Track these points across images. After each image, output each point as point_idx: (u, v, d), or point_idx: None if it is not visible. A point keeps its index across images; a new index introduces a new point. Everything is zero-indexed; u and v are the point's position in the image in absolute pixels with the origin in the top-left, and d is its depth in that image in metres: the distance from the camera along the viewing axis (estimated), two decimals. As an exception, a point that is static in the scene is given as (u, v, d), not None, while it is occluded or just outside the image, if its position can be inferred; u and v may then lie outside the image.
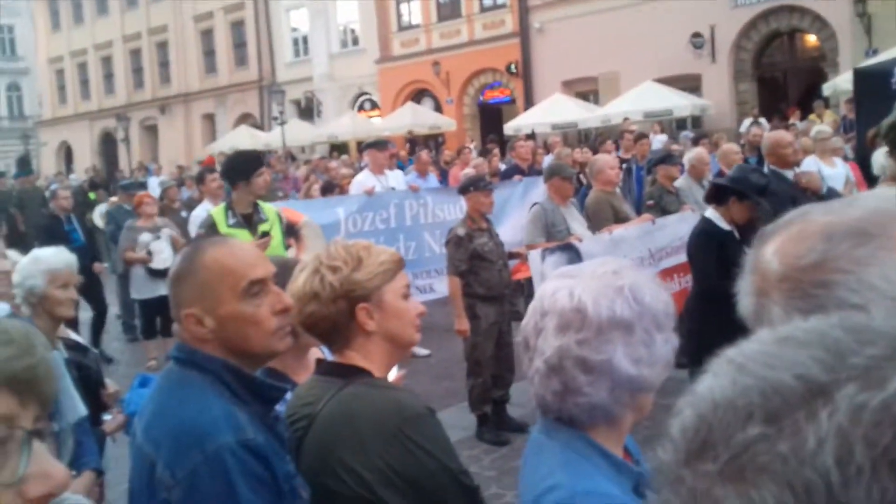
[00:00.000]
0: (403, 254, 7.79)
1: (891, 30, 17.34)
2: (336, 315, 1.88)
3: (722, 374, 0.55)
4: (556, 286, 1.49)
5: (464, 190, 6.22)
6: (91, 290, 8.72)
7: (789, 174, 5.41)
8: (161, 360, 8.53)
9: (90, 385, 3.46)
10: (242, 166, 5.78)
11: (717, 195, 5.10)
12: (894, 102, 8.73)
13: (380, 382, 1.90)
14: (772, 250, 0.91)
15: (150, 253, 8.18)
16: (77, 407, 3.12)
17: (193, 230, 6.71)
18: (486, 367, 6.02)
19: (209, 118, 34.46)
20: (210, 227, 5.47)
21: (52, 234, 8.88)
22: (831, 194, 5.81)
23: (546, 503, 1.38)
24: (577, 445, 1.45)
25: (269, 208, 5.81)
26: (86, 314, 8.78)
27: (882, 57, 14.86)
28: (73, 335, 3.81)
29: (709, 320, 4.89)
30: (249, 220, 5.58)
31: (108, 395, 3.64)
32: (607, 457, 1.45)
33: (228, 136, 30.17)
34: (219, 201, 7.66)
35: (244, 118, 32.36)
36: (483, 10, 25.71)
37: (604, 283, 1.43)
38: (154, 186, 16.42)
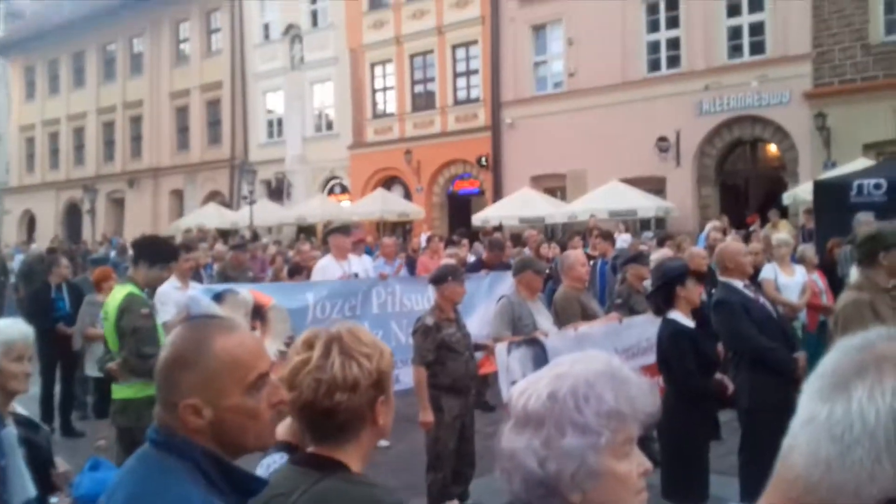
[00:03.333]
0: (370, 342, 7.78)
1: (849, 144, 18.06)
2: (363, 406, 1.83)
3: None
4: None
5: (440, 279, 6.17)
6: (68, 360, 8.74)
7: (739, 284, 5.50)
8: (111, 439, 8.28)
9: (39, 464, 3.33)
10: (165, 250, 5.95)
11: (663, 300, 5.20)
12: (853, 215, 9.05)
13: (357, 478, 1.85)
14: None
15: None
16: (27, 487, 2.99)
17: (162, 308, 6.56)
18: (447, 462, 5.92)
19: (178, 194, 34.41)
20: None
21: (38, 300, 8.89)
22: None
23: None
24: None
25: None
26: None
27: (840, 170, 15.42)
28: (22, 410, 3.68)
29: (693, 419, 4.91)
30: None
31: (57, 475, 3.49)
32: None
33: (196, 213, 30.13)
34: (187, 281, 7.58)
35: (213, 196, 32.36)
36: (457, 103, 26.30)
37: (540, 375, 1.43)
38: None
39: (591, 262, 10.19)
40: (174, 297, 7.06)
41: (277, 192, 30.17)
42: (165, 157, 34.70)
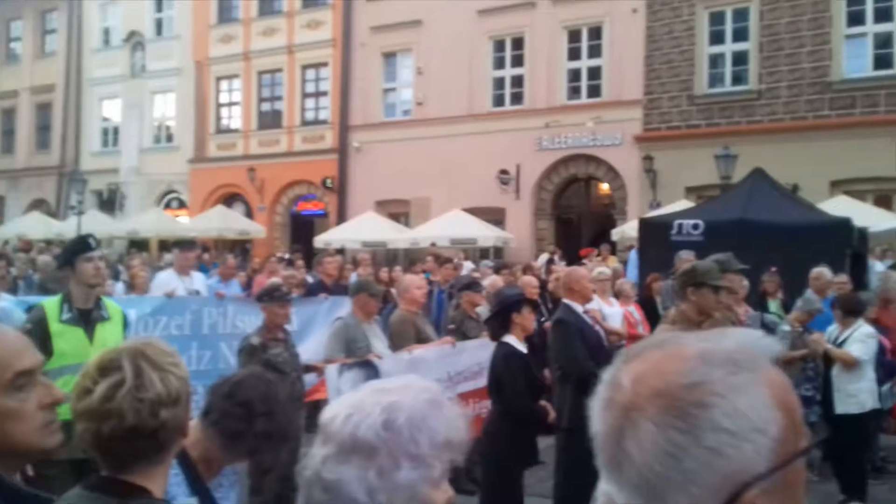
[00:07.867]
0: (196, 363, 7.48)
1: (673, 186, 19.32)
2: (184, 419, 1.73)
3: None
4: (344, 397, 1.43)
5: (259, 299, 6.17)
6: None
7: (579, 308, 5.76)
8: None
9: None
10: (66, 251, 5.12)
11: (500, 325, 5.37)
12: (673, 252, 9.65)
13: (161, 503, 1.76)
14: (646, 367, 0.91)
15: None
16: None
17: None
18: (271, 485, 5.79)
19: (-2, 200, 32.13)
20: (38, 323, 4.65)
21: None
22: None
23: None
24: None
25: (113, 306, 5.09)
26: None
27: (664, 210, 16.44)
28: None
29: (514, 442, 5.04)
30: (87, 317, 4.80)
31: None
32: None
33: (17, 222, 28.20)
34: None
35: (38, 204, 30.41)
36: (304, 123, 26.07)
37: (365, 400, 1.33)
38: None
39: (430, 289, 10.33)
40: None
41: (109, 203, 28.74)
42: (-15, 161, 32.36)
